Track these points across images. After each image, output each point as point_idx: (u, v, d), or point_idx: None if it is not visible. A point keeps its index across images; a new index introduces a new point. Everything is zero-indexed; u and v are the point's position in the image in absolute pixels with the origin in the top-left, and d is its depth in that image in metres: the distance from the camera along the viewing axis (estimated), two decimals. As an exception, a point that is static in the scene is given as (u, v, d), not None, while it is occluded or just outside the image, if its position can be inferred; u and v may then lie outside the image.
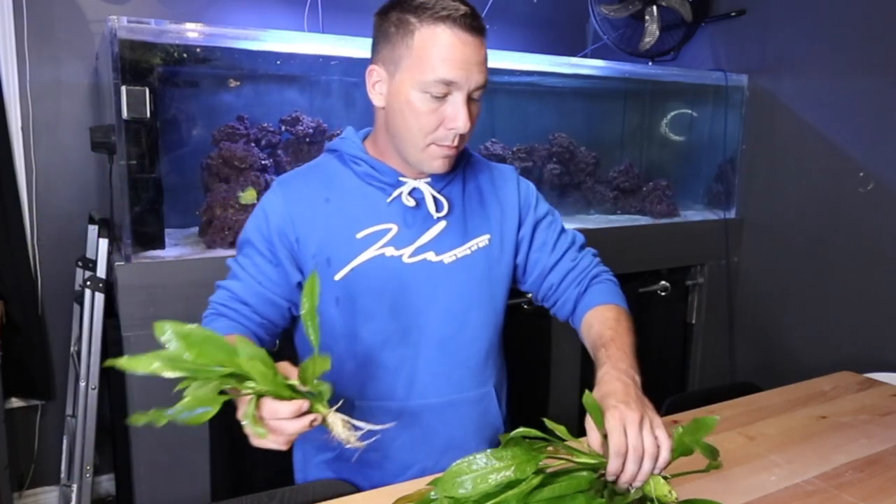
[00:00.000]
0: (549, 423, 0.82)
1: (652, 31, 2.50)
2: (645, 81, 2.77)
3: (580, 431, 0.85)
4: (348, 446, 0.76)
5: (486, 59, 0.99)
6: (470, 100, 0.97)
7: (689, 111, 2.83)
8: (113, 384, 1.82)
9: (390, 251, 1.03)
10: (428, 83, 0.94)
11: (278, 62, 2.16)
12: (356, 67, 2.23)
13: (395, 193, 1.04)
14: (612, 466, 0.76)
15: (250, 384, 0.72)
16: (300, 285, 1.04)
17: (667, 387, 2.55)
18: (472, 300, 1.08)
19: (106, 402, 1.92)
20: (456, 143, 0.98)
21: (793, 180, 2.41)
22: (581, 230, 1.23)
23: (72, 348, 2.03)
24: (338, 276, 1.02)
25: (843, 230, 2.25)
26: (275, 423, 0.74)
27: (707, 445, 0.79)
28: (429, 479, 0.95)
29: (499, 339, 1.15)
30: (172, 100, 1.98)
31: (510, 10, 2.70)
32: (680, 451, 0.80)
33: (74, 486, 1.88)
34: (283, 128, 2.08)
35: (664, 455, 0.77)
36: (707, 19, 2.59)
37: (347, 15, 2.41)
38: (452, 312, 1.06)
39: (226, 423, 1.77)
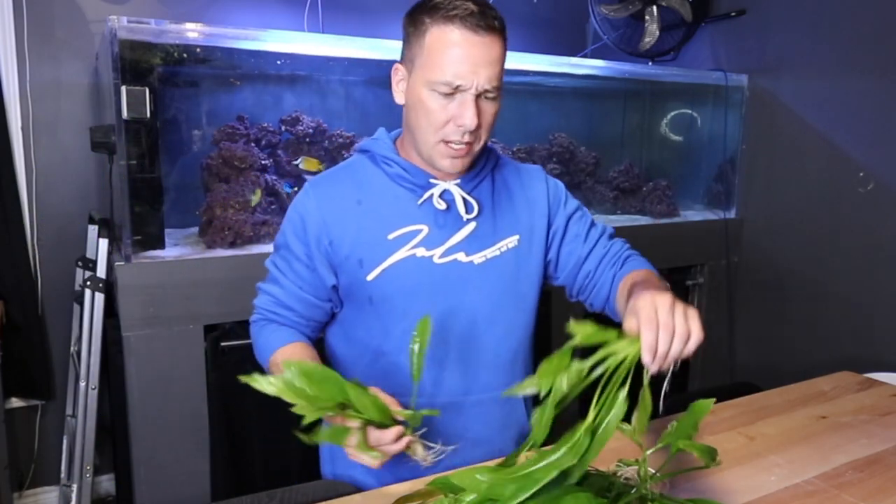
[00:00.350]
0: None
1: (652, 31, 2.50)
2: (645, 81, 2.77)
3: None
4: (424, 465, 0.87)
5: (500, 57, 0.98)
6: (483, 98, 0.98)
7: (689, 111, 2.82)
8: (113, 384, 1.82)
9: (421, 252, 1.04)
10: (436, 82, 0.96)
11: (278, 62, 2.16)
12: (356, 67, 2.23)
13: (426, 195, 1.05)
14: (647, 341, 0.76)
15: (355, 413, 0.83)
16: (335, 287, 1.08)
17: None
18: (502, 301, 1.09)
19: (106, 402, 1.93)
20: (466, 139, 0.99)
21: (793, 180, 2.41)
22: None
23: (72, 348, 2.03)
24: (370, 277, 1.04)
25: (843, 230, 2.25)
26: (379, 448, 0.84)
27: (704, 447, 0.79)
28: (429, 479, 0.96)
29: (528, 339, 1.16)
30: (172, 100, 1.98)
31: (510, 10, 2.68)
32: (677, 444, 0.80)
33: (74, 486, 1.89)
34: (283, 128, 2.08)
35: (694, 338, 0.78)
36: (707, 19, 2.59)
37: (347, 15, 2.42)
38: (482, 313, 1.08)
39: (226, 424, 1.77)
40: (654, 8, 2.48)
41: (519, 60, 2.27)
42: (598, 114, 2.82)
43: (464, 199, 1.06)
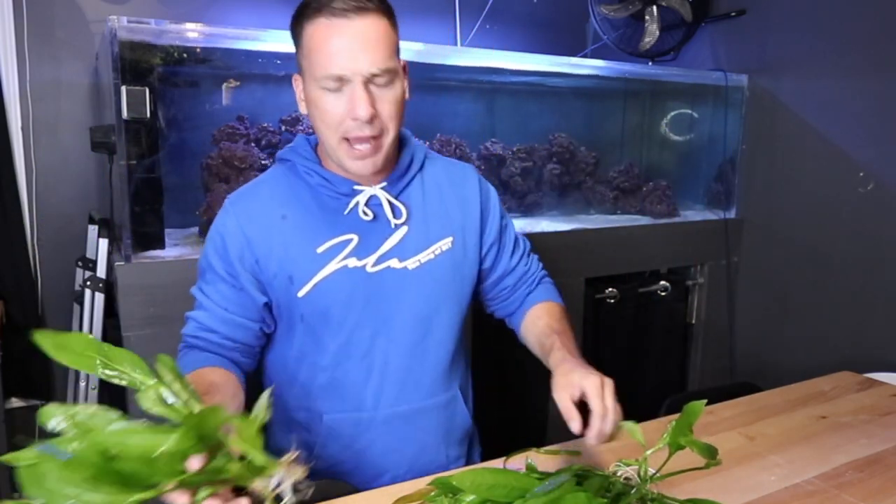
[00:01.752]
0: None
1: (652, 31, 2.50)
2: (645, 81, 2.77)
3: (581, 434, 0.85)
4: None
5: (382, 37, 0.93)
6: (374, 85, 0.93)
7: (689, 111, 2.82)
8: (113, 384, 1.82)
9: (353, 262, 1.01)
10: (320, 79, 0.93)
11: (278, 62, 2.15)
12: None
13: (352, 204, 1.02)
14: (595, 429, 0.87)
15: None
16: (267, 305, 1.04)
17: (667, 387, 2.55)
18: (439, 304, 1.07)
19: (106, 403, 1.92)
20: (367, 132, 0.94)
21: (793, 180, 2.41)
22: (581, 230, 1.25)
23: (72, 348, 2.03)
24: (301, 293, 1.01)
25: (843, 230, 2.25)
26: None
27: (705, 445, 0.79)
28: (430, 478, 0.96)
29: (462, 340, 1.15)
30: (172, 100, 1.98)
31: (510, 10, 2.70)
32: (676, 445, 0.80)
33: (74, 486, 1.88)
34: (283, 128, 2.08)
35: (617, 416, 0.90)
36: (707, 19, 2.59)
37: (347, 15, 2.41)
38: (419, 318, 1.06)
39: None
40: (654, 8, 2.48)
41: (519, 60, 2.27)
42: (598, 114, 2.82)
43: (391, 204, 1.03)
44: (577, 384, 0.89)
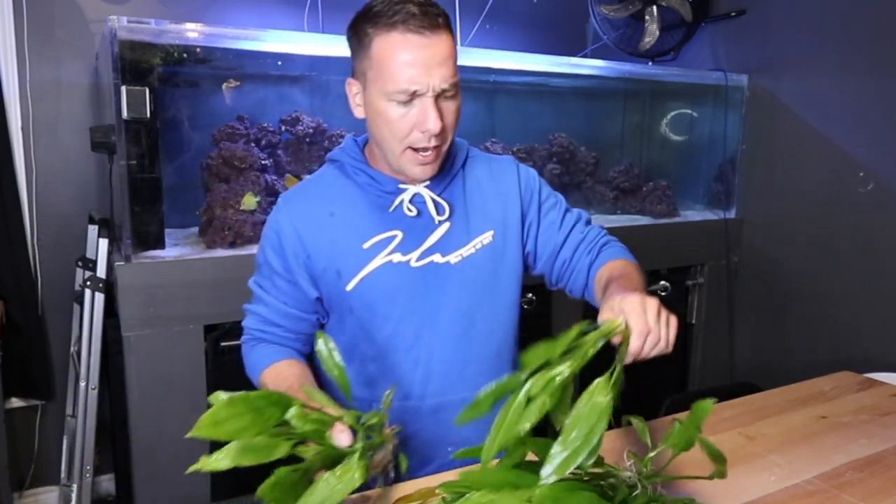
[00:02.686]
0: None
1: (652, 31, 2.50)
2: (645, 81, 2.77)
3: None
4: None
5: (451, 54, 0.96)
6: (442, 98, 0.97)
7: (689, 111, 2.83)
8: (113, 384, 1.82)
9: (397, 257, 1.05)
10: (391, 92, 0.94)
11: (278, 62, 2.16)
12: (356, 67, 2.23)
13: (397, 201, 1.05)
14: (635, 346, 0.82)
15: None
16: (319, 299, 1.09)
17: (667, 387, 2.55)
18: (480, 297, 1.09)
19: (106, 402, 1.92)
20: (433, 143, 0.98)
21: (793, 180, 2.41)
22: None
23: (72, 348, 2.03)
24: (349, 287, 1.05)
25: (843, 230, 2.25)
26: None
27: (714, 448, 0.79)
28: (432, 478, 0.96)
29: (513, 333, 1.15)
30: (172, 100, 1.98)
31: (510, 10, 2.70)
32: (681, 445, 0.80)
33: (74, 486, 1.89)
34: (283, 128, 2.08)
35: (669, 347, 0.87)
36: (707, 19, 2.59)
37: (347, 15, 2.38)
38: (461, 311, 1.08)
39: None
40: (654, 8, 2.48)
41: (519, 60, 2.27)
42: (598, 114, 2.82)
43: (434, 201, 1.06)
44: (617, 307, 0.84)
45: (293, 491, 0.74)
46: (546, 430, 0.81)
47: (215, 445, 0.79)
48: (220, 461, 0.72)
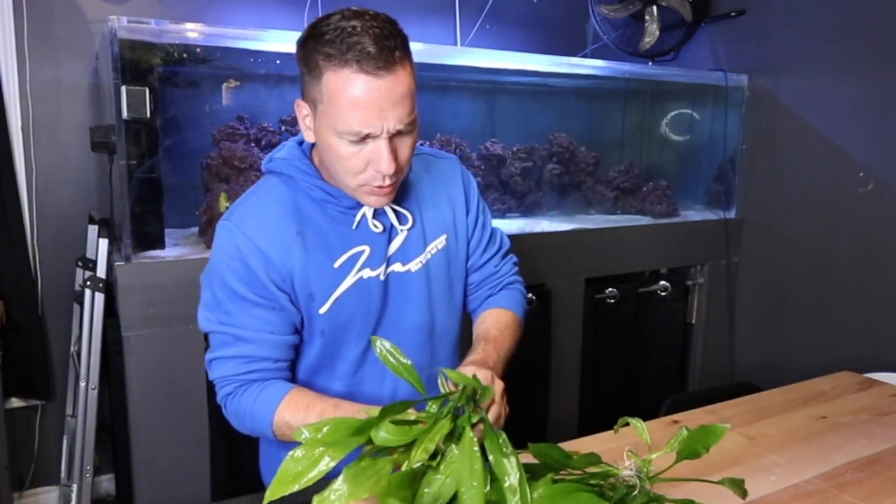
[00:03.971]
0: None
1: (652, 31, 2.50)
2: (645, 81, 2.77)
3: (580, 431, 0.85)
4: None
5: (408, 91, 0.89)
6: (397, 136, 0.91)
7: (689, 111, 2.82)
8: (113, 384, 1.82)
9: (367, 272, 1.02)
10: (343, 132, 0.88)
11: (278, 62, 2.15)
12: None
13: (359, 217, 1.01)
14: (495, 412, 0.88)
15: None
16: (301, 321, 1.03)
17: (667, 387, 2.55)
18: (438, 301, 1.10)
19: (106, 402, 1.92)
20: (388, 182, 0.93)
21: (793, 180, 2.41)
22: (581, 230, 1.24)
23: (72, 348, 2.03)
24: (322, 310, 1.01)
25: (843, 230, 2.25)
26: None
27: (735, 480, 0.80)
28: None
29: (461, 329, 1.17)
30: (172, 100, 1.98)
31: (510, 10, 2.70)
32: (685, 454, 0.80)
33: (74, 486, 1.88)
34: (283, 128, 2.08)
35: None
36: (707, 19, 2.59)
37: (347, 15, 2.41)
38: (424, 317, 1.08)
39: (226, 424, 1.77)
40: (654, 8, 2.48)
41: (519, 60, 2.27)
42: (598, 114, 2.82)
43: (396, 212, 1.04)
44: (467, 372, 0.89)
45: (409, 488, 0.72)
46: (545, 433, 0.81)
47: (215, 445, 0.78)
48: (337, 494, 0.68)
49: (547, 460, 0.77)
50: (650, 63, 2.64)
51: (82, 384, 1.84)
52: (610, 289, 2.35)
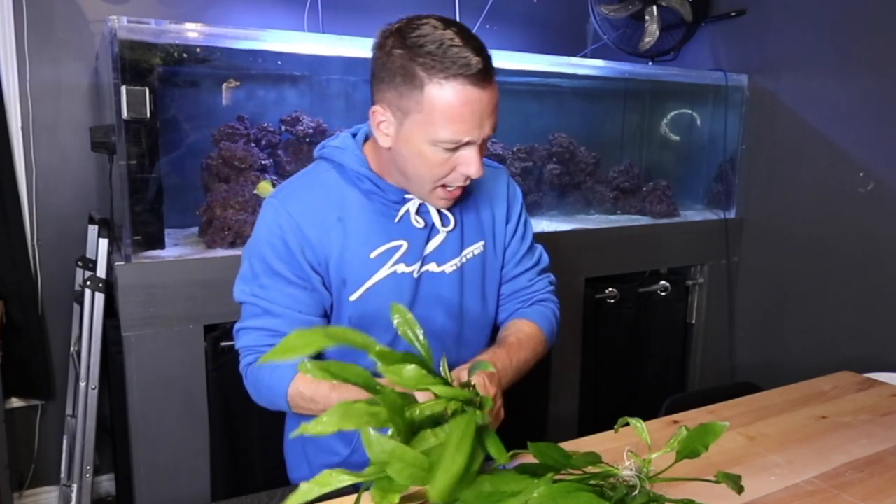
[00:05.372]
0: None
1: (652, 31, 2.50)
2: (645, 81, 2.77)
3: (580, 431, 0.85)
4: None
5: (498, 101, 0.94)
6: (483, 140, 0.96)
7: (689, 111, 2.82)
8: (113, 384, 1.82)
9: (401, 268, 1.04)
10: (440, 141, 0.91)
11: (278, 62, 2.15)
12: (356, 67, 2.23)
13: (402, 211, 1.03)
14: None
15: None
16: (331, 306, 1.05)
17: (667, 387, 2.55)
18: (469, 305, 1.11)
19: (106, 402, 1.92)
20: (468, 184, 0.98)
21: (793, 180, 2.41)
22: (581, 230, 1.24)
23: (72, 348, 2.03)
24: (353, 297, 1.03)
25: (843, 230, 2.25)
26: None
27: (731, 476, 0.80)
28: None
29: (489, 341, 1.16)
30: (172, 100, 1.98)
31: (510, 10, 2.70)
32: (684, 453, 0.80)
33: (74, 486, 1.88)
34: (283, 128, 2.08)
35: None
36: (707, 19, 2.59)
37: (347, 15, 2.42)
38: (454, 319, 1.09)
39: (226, 424, 1.77)
40: (654, 8, 2.48)
41: (519, 60, 2.27)
42: (598, 114, 2.82)
43: (439, 211, 1.06)
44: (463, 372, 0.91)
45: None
46: (545, 433, 0.81)
47: (215, 445, 0.78)
48: (323, 425, 0.66)
49: (547, 460, 0.77)
50: (650, 63, 2.65)
51: (82, 384, 1.84)
52: (610, 289, 2.35)
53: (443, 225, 1.06)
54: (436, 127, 0.90)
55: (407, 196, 1.04)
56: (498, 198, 1.14)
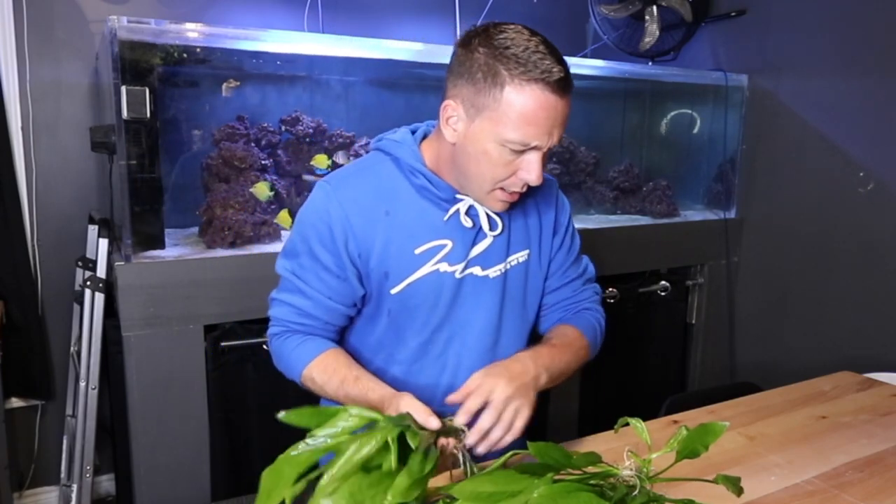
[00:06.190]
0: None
1: (652, 31, 2.50)
2: (645, 81, 2.77)
3: (580, 431, 0.85)
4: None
5: (569, 115, 0.96)
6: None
7: (689, 111, 2.82)
8: (113, 384, 1.83)
9: (444, 267, 1.04)
10: (508, 141, 0.92)
11: (278, 62, 2.15)
12: (356, 67, 2.23)
13: (452, 210, 1.04)
14: (472, 436, 0.88)
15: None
16: (364, 296, 1.07)
17: (667, 387, 2.55)
18: (509, 312, 1.11)
19: (106, 402, 1.93)
20: (525, 190, 0.99)
21: (793, 180, 2.41)
22: (581, 230, 1.24)
23: (72, 348, 2.03)
24: (394, 290, 1.04)
25: (843, 230, 2.25)
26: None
27: (730, 478, 0.79)
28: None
29: (528, 343, 1.17)
30: (172, 100, 1.98)
31: (510, 10, 2.70)
32: (684, 453, 0.80)
33: (74, 486, 1.89)
34: (283, 128, 2.08)
35: (508, 437, 0.90)
36: (707, 19, 2.59)
37: (347, 15, 2.42)
38: (492, 324, 1.09)
39: (226, 424, 1.77)
40: (654, 8, 2.48)
41: (519, 60, 2.27)
42: (598, 114, 2.82)
43: (488, 215, 1.06)
44: (487, 383, 0.92)
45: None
46: (545, 433, 0.81)
47: (215, 445, 0.78)
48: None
49: (547, 460, 0.77)
50: (650, 63, 2.64)
51: (82, 384, 1.84)
52: (610, 289, 2.35)
53: (491, 229, 1.06)
54: (508, 127, 0.92)
55: (458, 196, 1.04)
56: (546, 208, 1.15)
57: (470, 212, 1.04)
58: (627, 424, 0.89)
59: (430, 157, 1.05)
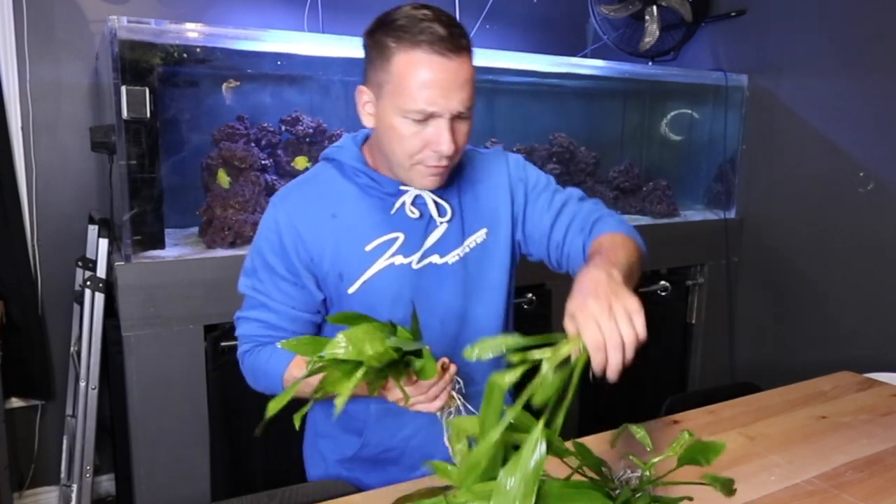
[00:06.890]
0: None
1: (652, 31, 2.50)
2: (645, 81, 2.77)
3: (581, 431, 0.85)
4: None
5: (471, 77, 0.95)
6: (456, 120, 0.96)
7: (689, 111, 2.82)
8: (113, 384, 1.82)
9: (399, 259, 1.05)
10: (408, 111, 0.93)
11: (278, 62, 2.15)
12: (356, 67, 2.22)
13: (398, 203, 1.05)
14: (597, 361, 0.74)
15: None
16: (324, 302, 1.08)
17: (667, 387, 2.55)
18: (475, 296, 1.10)
19: (106, 402, 1.92)
20: (443, 162, 0.98)
21: (793, 180, 2.41)
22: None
23: (72, 348, 2.03)
24: (351, 290, 1.04)
25: (843, 230, 2.25)
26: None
27: (721, 479, 0.79)
28: (433, 478, 0.96)
29: (502, 326, 1.15)
30: (172, 100, 1.98)
31: (510, 10, 2.70)
32: (686, 460, 0.80)
33: (74, 486, 1.89)
34: (283, 128, 2.08)
35: (640, 336, 0.78)
36: (707, 19, 2.59)
37: (347, 15, 2.41)
38: (456, 311, 1.08)
39: (226, 424, 1.77)
40: (654, 8, 2.48)
41: (519, 60, 2.27)
42: (598, 114, 2.82)
43: (435, 202, 1.06)
44: (580, 315, 0.75)
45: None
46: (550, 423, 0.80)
47: (215, 445, 0.78)
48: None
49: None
50: (650, 63, 2.65)
51: (82, 384, 1.84)
52: (610, 289, 2.34)
53: (440, 216, 1.06)
54: (402, 96, 0.93)
55: (402, 188, 1.05)
56: (498, 180, 1.13)
57: (416, 202, 1.05)
58: (628, 429, 0.89)
59: (371, 156, 1.07)
